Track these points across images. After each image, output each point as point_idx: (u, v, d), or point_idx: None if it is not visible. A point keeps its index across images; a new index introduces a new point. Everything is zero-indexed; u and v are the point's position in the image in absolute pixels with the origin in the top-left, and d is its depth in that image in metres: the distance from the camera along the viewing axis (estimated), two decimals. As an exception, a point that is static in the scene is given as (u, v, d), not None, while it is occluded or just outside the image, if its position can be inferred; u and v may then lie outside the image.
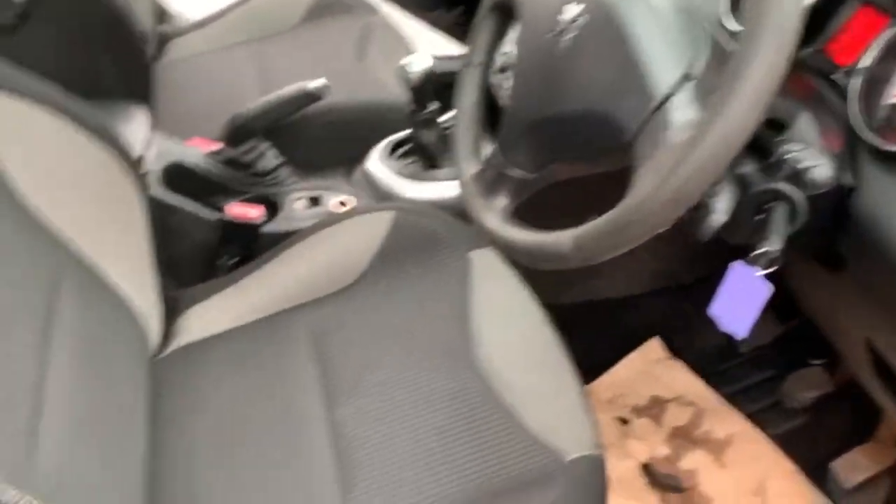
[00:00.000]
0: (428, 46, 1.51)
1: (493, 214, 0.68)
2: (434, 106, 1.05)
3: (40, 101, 0.76)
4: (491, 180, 0.70)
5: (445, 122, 1.09)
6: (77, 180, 0.79)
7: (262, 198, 1.10)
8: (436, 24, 1.87)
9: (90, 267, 0.80)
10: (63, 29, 0.94)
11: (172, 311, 0.95)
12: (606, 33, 0.59)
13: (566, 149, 0.65)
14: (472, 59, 0.79)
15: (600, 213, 0.55)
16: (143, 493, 0.74)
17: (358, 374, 0.86)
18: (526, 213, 0.69)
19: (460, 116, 0.78)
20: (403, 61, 0.98)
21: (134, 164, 0.83)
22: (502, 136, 0.71)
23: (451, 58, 1.29)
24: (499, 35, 0.79)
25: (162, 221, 0.90)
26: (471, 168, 0.73)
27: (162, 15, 1.53)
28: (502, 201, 0.69)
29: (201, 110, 1.24)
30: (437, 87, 1.04)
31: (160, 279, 0.90)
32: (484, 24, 0.78)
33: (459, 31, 1.84)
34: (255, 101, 1.11)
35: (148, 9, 1.41)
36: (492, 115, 0.78)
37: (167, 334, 0.94)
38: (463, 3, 1.87)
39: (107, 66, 0.99)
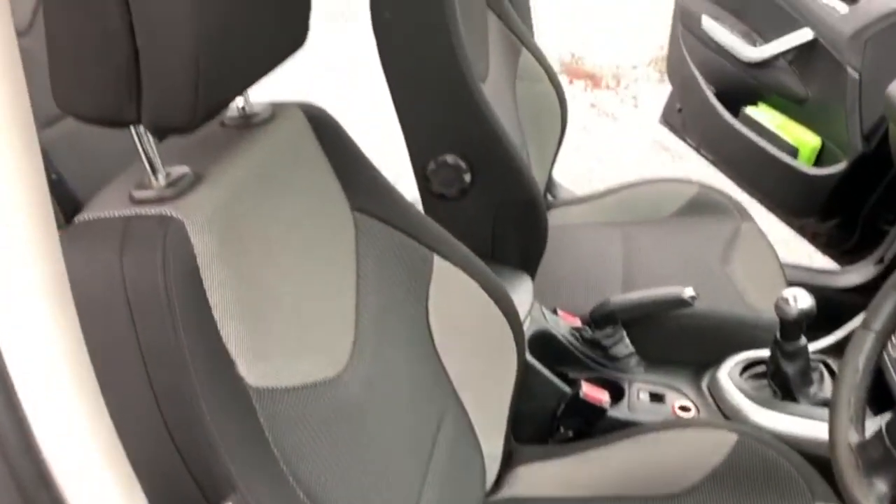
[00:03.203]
0: (793, 256, 1.49)
1: (871, 496, 0.66)
2: (803, 341, 1.04)
3: (461, 265, 0.93)
4: (874, 460, 0.68)
5: (812, 357, 1.07)
6: (472, 333, 0.94)
7: (609, 380, 1.17)
8: (803, 231, 1.84)
9: (463, 407, 0.94)
10: (492, 204, 1.14)
11: (507, 461, 1.05)
12: None
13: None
14: (871, 323, 0.78)
15: None
16: None
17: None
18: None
19: (846, 378, 0.77)
20: (786, 294, 0.99)
21: (520, 330, 0.96)
22: (896, 417, 0.68)
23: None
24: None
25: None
26: (851, 436, 0.72)
27: (551, 185, 1.74)
28: (882, 487, 0.66)
29: (567, 280, 1.36)
30: (810, 323, 1.03)
31: (508, 431, 1.01)
32: (893, 293, 0.78)
33: (828, 240, 1.78)
34: (617, 287, 1.21)
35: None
36: (879, 385, 0.76)
37: (499, 480, 1.04)
38: (839, 216, 1.81)
39: (512, 239, 1.17)
